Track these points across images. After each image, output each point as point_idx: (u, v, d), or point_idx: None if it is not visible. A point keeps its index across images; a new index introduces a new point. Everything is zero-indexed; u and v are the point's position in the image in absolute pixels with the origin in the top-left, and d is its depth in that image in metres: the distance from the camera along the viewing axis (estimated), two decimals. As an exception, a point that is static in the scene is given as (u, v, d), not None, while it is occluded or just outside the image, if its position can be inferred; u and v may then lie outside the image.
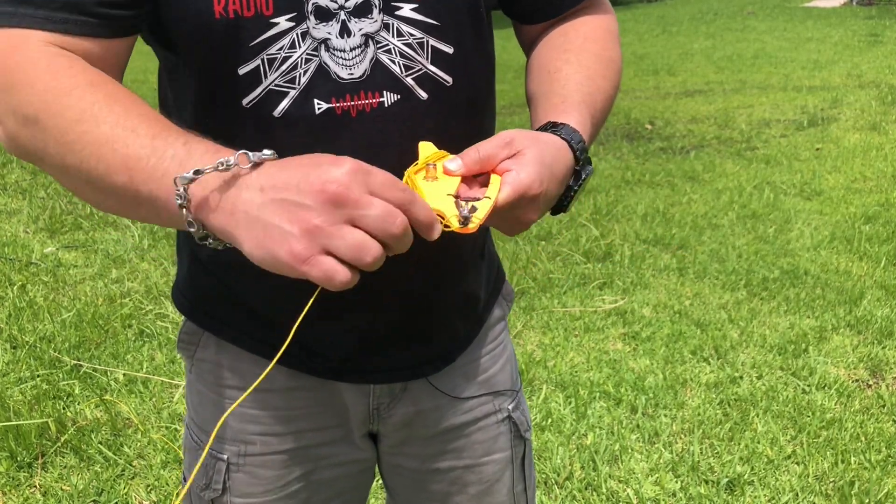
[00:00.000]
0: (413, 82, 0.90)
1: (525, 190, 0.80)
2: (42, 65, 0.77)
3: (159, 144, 0.73)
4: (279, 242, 0.67)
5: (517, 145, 0.83)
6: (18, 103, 0.77)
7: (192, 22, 0.83)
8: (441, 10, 0.90)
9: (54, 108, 0.75)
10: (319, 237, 0.67)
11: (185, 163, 0.72)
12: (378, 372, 1.03)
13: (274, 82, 0.86)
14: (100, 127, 0.74)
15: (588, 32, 1.02)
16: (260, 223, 0.68)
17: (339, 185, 0.66)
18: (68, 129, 0.75)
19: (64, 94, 0.75)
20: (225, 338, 1.04)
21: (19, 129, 0.78)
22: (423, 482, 1.13)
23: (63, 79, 0.76)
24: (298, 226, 0.67)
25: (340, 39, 0.86)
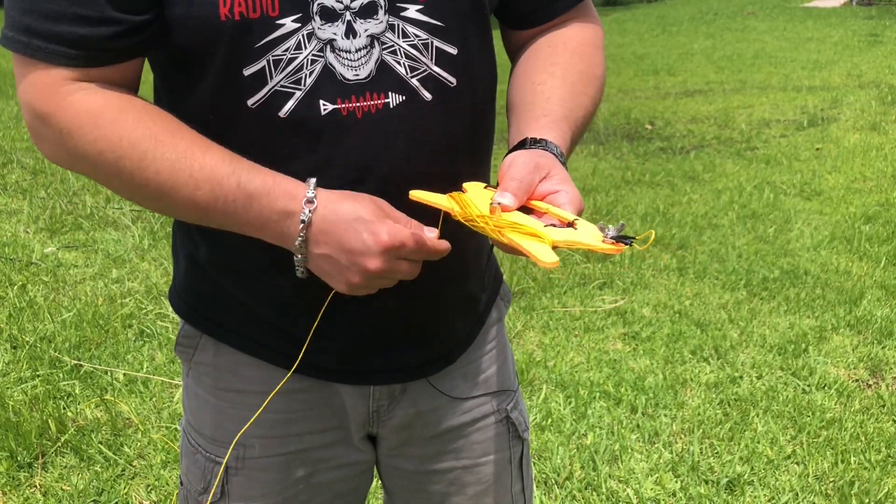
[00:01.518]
0: (418, 83, 0.90)
1: (581, 205, 0.85)
2: (82, 113, 0.84)
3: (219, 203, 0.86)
4: (330, 280, 0.88)
5: (544, 168, 0.86)
6: (71, 147, 0.85)
7: (197, 24, 0.83)
8: (446, 11, 0.90)
9: (111, 157, 0.84)
10: (362, 289, 0.88)
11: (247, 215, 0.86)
12: (378, 373, 1.03)
13: (279, 83, 0.86)
14: (160, 175, 0.84)
15: (575, 47, 1.03)
16: (315, 263, 0.87)
17: (377, 268, 0.84)
18: (132, 175, 0.85)
19: (115, 143, 0.83)
20: (223, 340, 1.03)
21: (73, 164, 0.88)
22: (422, 483, 1.13)
23: (106, 127, 0.84)
24: (344, 280, 0.87)
25: (346, 40, 0.87)
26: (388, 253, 0.83)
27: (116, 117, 0.83)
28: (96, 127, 0.83)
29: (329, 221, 0.84)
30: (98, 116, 0.83)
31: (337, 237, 0.84)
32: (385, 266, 0.84)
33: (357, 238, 0.83)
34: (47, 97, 0.84)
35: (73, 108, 0.83)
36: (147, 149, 0.83)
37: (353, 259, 0.84)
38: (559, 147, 0.91)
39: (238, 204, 0.84)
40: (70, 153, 0.86)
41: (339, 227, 0.83)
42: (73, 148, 0.85)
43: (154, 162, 0.83)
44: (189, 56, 0.87)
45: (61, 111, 0.83)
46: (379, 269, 0.83)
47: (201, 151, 0.84)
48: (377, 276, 0.85)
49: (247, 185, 0.83)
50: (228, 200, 0.84)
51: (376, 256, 0.83)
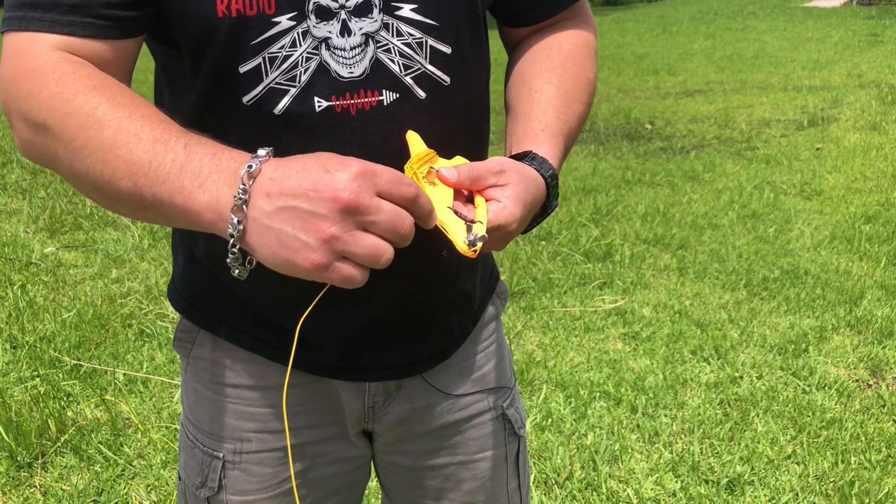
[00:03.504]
0: (412, 81, 0.91)
1: (505, 225, 0.82)
2: (48, 71, 0.78)
3: (160, 149, 0.74)
4: (296, 252, 0.68)
5: (506, 178, 0.84)
6: (28, 110, 0.78)
7: (194, 21, 0.84)
8: (440, 10, 0.91)
9: (60, 113, 0.76)
10: (336, 245, 0.68)
11: (186, 166, 0.73)
12: (374, 369, 1.04)
13: (275, 80, 0.87)
14: (103, 132, 0.75)
15: (570, 51, 1.04)
16: (272, 232, 0.69)
17: (351, 193, 0.67)
18: (74, 135, 0.76)
19: (68, 99, 0.76)
20: (221, 335, 1.04)
21: (32, 135, 0.79)
22: (418, 479, 1.13)
23: (67, 84, 0.77)
24: (315, 235, 0.67)
25: (341, 38, 0.87)
26: (363, 178, 0.68)
27: (76, 76, 0.78)
28: (55, 82, 0.78)
29: (282, 166, 0.70)
30: (60, 75, 0.78)
31: (293, 179, 0.69)
32: (364, 198, 0.67)
33: (320, 168, 0.69)
34: (26, 59, 0.79)
35: (42, 64, 0.78)
36: (98, 104, 0.76)
37: (319, 194, 0.67)
38: (554, 168, 0.93)
39: (177, 162, 0.73)
40: (27, 120, 0.79)
41: (293, 167, 0.70)
42: (29, 110, 0.78)
43: (105, 114, 0.76)
44: (186, 52, 0.87)
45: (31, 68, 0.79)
46: (356, 201, 0.67)
47: (156, 116, 0.78)
48: (356, 216, 0.67)
49: (193, 144, 0.75)
50: (168, 159, 0.74)
51: (349, 181, 0.67)
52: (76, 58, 0.81)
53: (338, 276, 0.69)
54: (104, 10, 0.81)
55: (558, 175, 0.94)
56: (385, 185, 0.69)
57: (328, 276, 0.69)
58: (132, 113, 0.76)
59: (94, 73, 0.80)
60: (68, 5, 0.80)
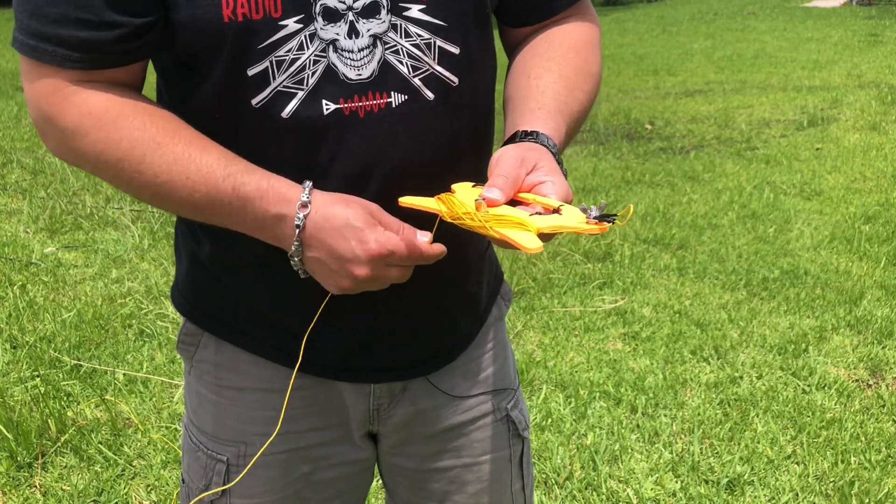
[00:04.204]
0: (420, 83, 0.90)
1: (567, 195, 0.85)
2: (84, 112, 0.85)
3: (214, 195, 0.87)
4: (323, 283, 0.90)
5: (530, 161, 0.86)
6: (75, 146, 0.87)
7: (201, 26, 0.84)
8: (448, 11, 0.90)
9: (112, 158, 0.86)
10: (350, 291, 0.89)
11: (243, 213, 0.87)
12: (379, 371, 1.03)
13: (282, 84, 0.86)
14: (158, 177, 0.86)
15: (572, 43, 1.03)
16: (309, 266, 0.89)
17: (365, 274, 0.86)
18: (129, 180, 0.87)
19: (115, 142, 0.85)
20: (225, 338, 1.04)
21: (79, 163, 0.90)
22: (423, 481, 1.13)
23: (109, 128, 0.86)
24: (336, 287, 0.89)
25: (348, 40, 0.87)
26: (376, 261, 0.84)
27: (117, 119, 0.85)
28: (97, 129, 0.85)
29: (320, 227, 0.85)
30: (99, 118, 0.84)
31: (327, 243, 0.85)
32: (373, 273, 0.85)
33: (346, 245, 0.84)
34: (52, 98, 0.85)
35: (76, 108, 0.85)
36: (146, 151, 0.84)
37: (342, 265, 0.85)
38: (552, 139, 0.91)
39: (234, 207, 0.85)
40: (73, 152, 0.88)
41: (329, 233, 0.85)
42: (76, 148, 0.87)
43: (152, 165, 0.84)
44: (193, 58, 0.87)
45: (65, 112, 0.85)
46: (367, 276, 0.85)
47: (198, 153, 0.85)
48: (366, 282, 0.86)
49: (241, 189, 0.84)
50: (224, 203, 0.85)
51: (364, 265, 0.84)
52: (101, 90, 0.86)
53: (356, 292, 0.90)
54: (115, 46, 0.83)
55: (559, 147, 0.93)
56: (395, 261, 0.86)
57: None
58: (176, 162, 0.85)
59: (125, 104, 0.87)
60: (73, 43, 0.82)
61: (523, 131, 0.92)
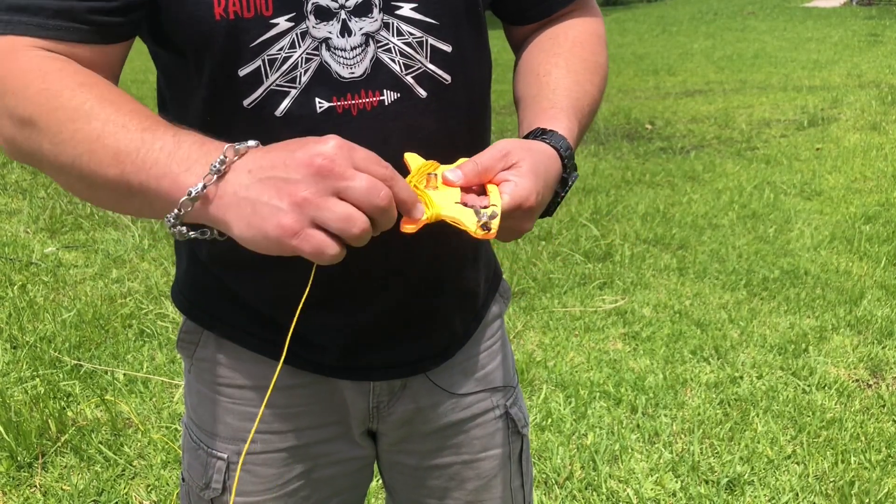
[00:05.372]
0: (413, 81, 0.90)
1: (523, 201, 0.81)
2: (34, 68, 0.78)
3: (148, 137, 0.74)
4: (268, 218, 0.68)
5: (513, 157, 0.83)
6: (14, 106, 0.78)
7: (192, 24, 0.84)
8: (440, 9, 0.91)
9: (47, 108, 0.76)
10: (308, 209, 0.67)
11: (174, 153, 0.73)
12: (378, 369, 1.03)
13: (275, 82, 0.87)
14: (91, 124, 0.75)
15: (577, 36, 1.03)
16: (248, 202, 0.69)
17: (325, 158, 0.68)
18: (61, 129, 0.76)
19: (56, 94, 0.76)
20: (225, 336, 1.04)
21: (16, 131, 0.79)
22: (422, 479, 1.13)
23: (54, 80, 0.77)
24: (287, 199, 0.67)
25: (341, 38, 0.87)
26: (339, 149, 0.69)
27: (63, 74, 0.78)
28: (41, 79, 0.78)
29: (264, 149, 0.73)
30: (47, 72, 0.78)
31: (273, 153, 0.70)
32: (337, 164, 0.68)
33: (300, 143, 0.70)
34: (10, 59, 0.79)
35: (26, 63, 0.78)
36: (86, 99, 0.77)
37: (294, 161, 0.68)
38: (566, 138, 0.91)
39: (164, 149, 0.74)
40: (11, 117, 0.79)
41: (276, 146, 0.72)
42: (15, 107, 0.78)
43: (89, 112, 0.76)
44: (185, 56, 0.87)
45: (14, 67, 0.78)
46: (329, 166, 0.67)
47: (144, 111, 0.79)
48: (329, 180, 0.68)
49: (179, 131, 0.76)
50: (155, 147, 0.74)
51: (325, 149, 0.68)
52: (62, 56, 0.80)
53: (308, 246, 0.68)
54: (90, 16, 0.81)
55: (573, 148, 0.92)
56: (362, 160, 0.70)
57: (297, 243, 0.67)
58: (120, 107, 0.77)
59: (80, 71, 0.80)
60: (53, 10, 0.79)
61: (541, 129, 0.92)
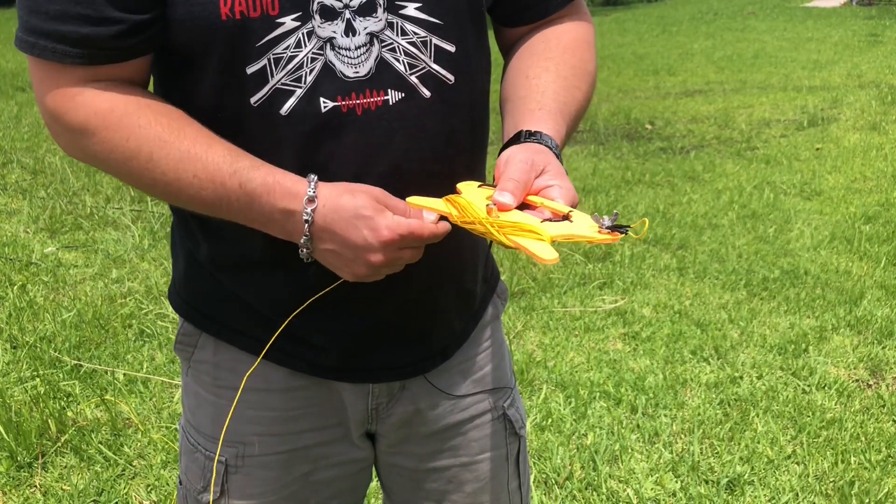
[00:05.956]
0: (417, 80, 0.91)
1: (575, 199, 0.87)
2: (91, 111, 0.86)
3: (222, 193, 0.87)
4: (339, 273, 0.91)
5: (538, 164, 0.87)
6: (83, 146, 0.89)
7: (199, 24, 0.84)
8: (444, 9, 0.91)
9: (119, 157, 0.87)
10: (370, 277, 0.90)
11: (251, 208, 0.87)
12: (377, 371, 1.03)
13: (280, 81, 0.87)
14: (166, 175, 0.86)
15: (568, 43, 1.04)
16: (325, 259, 0.90)
17: (379, 261, 0.87)
18: (140, 177, 0.88)
19: (123, 141, 0.86)
20: (223, 338, 1.04)
21: (89, 161, 0.90)
22: (421, 481, 1.13)
23: (116, 127, 0.86)
24: (352, 275, 0.90)
25: (346, 38, 0.87)
26: (388, 246, 0.85)
27: (122, 118, 0.85)
28: (104, 128, 0.85)
29: (330, 220, 0.85)
30: (105, 118, 0.85)
31: (339, 235, 0.86)
32: (387, 258, 0.86)
33: (358, 235, 0.85)
34: (57, 98, 0.86)
35: (82, 109, 0.85)
36: (152, 149, 0.85)
37: (356, 254, 0.86)
38: (553, 139, 0.93)
39: (241, 203, 0.86)
40: (83, 151, 0.89)
41: (339, 224, 0.85)
42: (85, 147, 0.88)
43: (159, 163, 0.85)
44: (191, 56, 0.87)
45: (71, 111, 0.86)
46: (381, 261, 0.86)
47: (204, 150, 0.85)
48: (381, 266, 0.88)
49: (248, 185, 0.85)
50: (232, 200, 0.86)
51: (378, 251, 0.85)
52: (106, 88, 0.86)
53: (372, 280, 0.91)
54: (109, 42, 0.83)
55: (560, 149, 0.94)
56: (407, 244, 0.87)
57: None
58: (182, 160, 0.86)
59: (129, 101, 0.87)
60: (73, 39, 0.82)
61: (527, 131, 0.93)
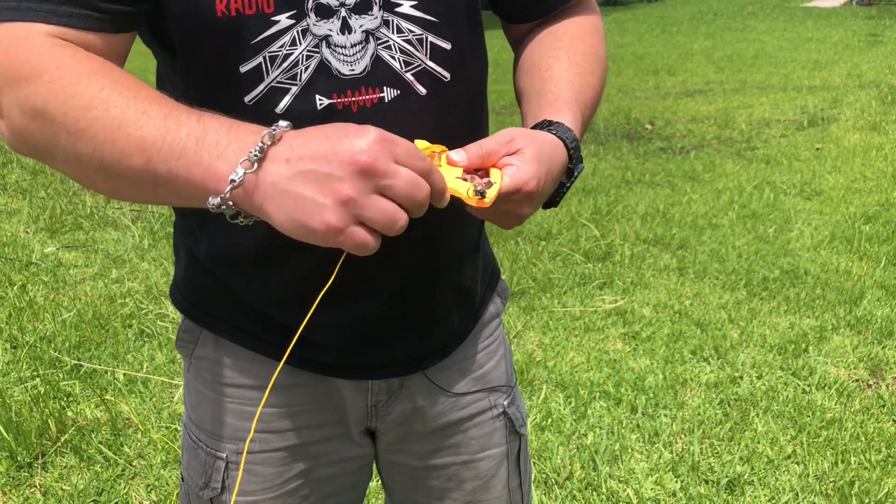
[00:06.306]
0: (412, 78, 0.91)
1: (523, 184, 0.82)
2: (45, 56, 0.76)
3: (171, 124, 0.73)
4: (312, 214, 0.68)
5: (518, 144, 0.85)
6: (25, 96, 0.76)
7: (193, 20, 0.84)
8: (440, 7, 0.91)
9: (62, 97, 0.74)
10: (353, 208, 0.68)
11: (202, 139, 0.72)
12: (376, 368, 1.04)
13: (276, 79, 0.87)
14: (110, 111, 0.74)
15: (577, 30, 1.04)
16: (290, 195, 0.69)
17: (369, 156, 0.68)
18: (79, 117, 0.74)
19: (71, 82, 0.75)
20: (223, 335, 1.04)
21: (27, 122, 0.77)
22: (421, 479, 1.13)
23: (68, 68, 0.76)
24: (332, 197, 0.68)
25: (341, 36, 0.87)
26: (381, 144, 0.69)
27: (76, 61, 0.77)
28: (55, 67, 0.76)
29: (301, 136, 0.71)
30: (60, 59, 0.76)
31: (313, 144, 0.70)
32: (381, 162, 0.68)
33: (340, 134, 0.70)
34: (19, 47, 0.77)
35: (39, 50, 0.77)
36: (105, 85, 0.75)
37: (337, 157, 0.68)
38: (572, 130, 0.92)
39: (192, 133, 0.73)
40: (20, 106, 0.76)
41: (314, 134, 0.71)
42: (27, 96, 0.76)
43: (109, 96, 0.75)
44: (186, 52, 0.87)
45: (26, 56, 0.76)
46: (373, 164, 0.68)
47: (160, 96, 0.77)
48: (373, 179, 0.69)
49: (204, 117, 0.75)
50: (181, 134, 0.73)
51: (367, 145, 0.68)
52: (72, 44, 0.79)
53: (351, 242, 0.69)
54: (100, 4, 0.80)
55: (579, 139, 0.93)
56: (402, 154, 0.71)
57: (342, 240, 0.69)
58: (137, 93, 0.75)
59: (92, 58, 0.78)
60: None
61: (546, 121, 0.93)
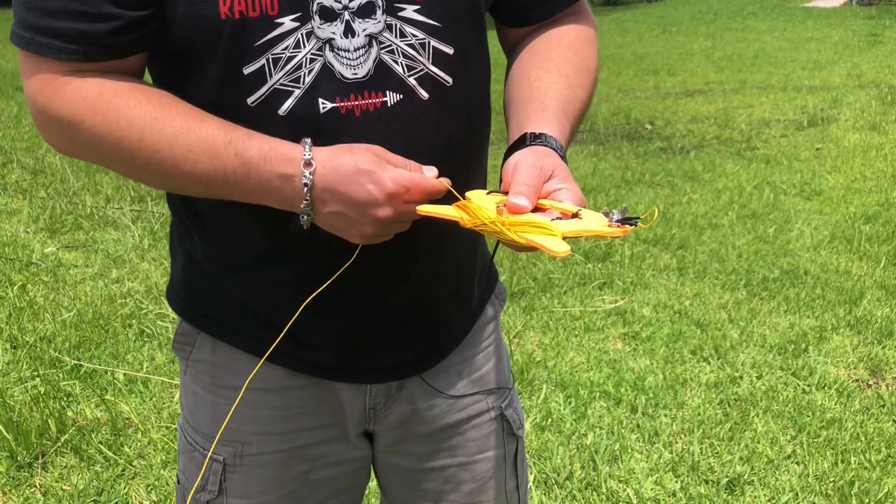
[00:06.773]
0: (415, 82, 0.91)
1: (582, 201, 0.86)
2: (76, 101, 0.85)
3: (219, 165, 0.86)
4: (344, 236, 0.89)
5: (547, 169, 0.87)
6: (72, 138, 0.87)
7: (198, 23, 0.84)
8: (443, 11, 0.91)
9: (110, 140, 0.86)
10: (372, 238, 0.89)
11: (247, 179, 0.86)
12: (374, 371, 1.04)
13: (279, 82, 0.87)
14: (160, 153, 0.85)
15: (570, 41, 1.04)
16: (328, 223, 0.88)
17: (386, 216, 0.85)
18: (129, 162, 0.87)
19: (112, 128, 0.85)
20: (221, 337, 1.04)
21: (82, 154, 0.90)
22: (418, 481, 1.13)
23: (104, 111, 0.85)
24: (359, 233, 0.88)
25: (345, 39, 0.87)
26: (395, 199, 0.84)
27: (111, 101, 0.84)
28: (93, 112, 0.84)
29: (331, 179, 0.84)
30: (93, 102, 0.84)
31: (342, 193, 0.84)
32: (395, 211, 0.85)
33: (362, 191, 0.84)
34: (47, 89, 0.85)
35: (70, 96, 0.85)
36: (144, 128, 0.84)
37: (362, 211, 0.85)
38: (558, 141, 0.93)
39: (238, 173, 0.85)
40: (73, 143, 0.88)
41: (342, 183, 0.84)
42: (75, 138, 0.86)
43: (152, 141, 0.84)
44: (189, 55, 0.87)
45: (59, 100, 0.85)
46: (389, 216, 0.85)
47: (197, 124, 0.85)
48: (389, 223, 0.86)
49: (244, 154, 0.84)
50: (228, 171, 0.85)
51: (385, 205, 0.84)
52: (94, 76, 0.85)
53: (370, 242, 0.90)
54: (105, 39, 0.83)
55: (564, 149, 0.95)
56: (411, 197, 0.85)
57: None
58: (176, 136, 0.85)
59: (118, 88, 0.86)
60: (70, 35, 0.82)
61: (532, 133, 0.93)
